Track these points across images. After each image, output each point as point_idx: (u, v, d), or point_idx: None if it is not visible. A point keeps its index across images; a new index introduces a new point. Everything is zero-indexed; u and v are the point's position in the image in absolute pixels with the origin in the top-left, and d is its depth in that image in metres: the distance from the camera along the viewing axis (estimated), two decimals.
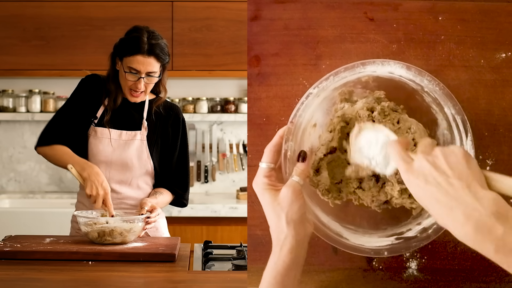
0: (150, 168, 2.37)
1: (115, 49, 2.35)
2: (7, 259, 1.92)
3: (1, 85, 3.93)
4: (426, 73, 1.15)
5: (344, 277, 1.27)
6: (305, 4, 1.28)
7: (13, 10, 3.66)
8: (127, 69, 2.28)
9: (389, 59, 1.16)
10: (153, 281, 1.77)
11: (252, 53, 1.28)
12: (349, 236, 1.18)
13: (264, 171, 1.14)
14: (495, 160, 1.24)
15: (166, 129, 2.42)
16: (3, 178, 3.99)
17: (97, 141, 2.33)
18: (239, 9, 3.68)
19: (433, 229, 1.14)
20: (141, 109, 2.40)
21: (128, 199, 2.35)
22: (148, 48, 2.25)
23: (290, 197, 1.09)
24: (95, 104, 2.37)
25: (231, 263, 1.97)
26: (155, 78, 2.31)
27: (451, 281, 1.26)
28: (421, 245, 1.15)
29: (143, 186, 2.38)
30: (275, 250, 1.10)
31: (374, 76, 1.19)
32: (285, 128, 1.15)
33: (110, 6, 3.67)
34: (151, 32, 2.30)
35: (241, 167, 4.02)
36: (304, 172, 1.12)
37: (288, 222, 1.09)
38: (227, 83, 4.02)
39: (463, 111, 1.15)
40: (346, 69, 1.15)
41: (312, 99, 1.16)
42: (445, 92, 1.14)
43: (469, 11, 1.27)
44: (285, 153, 1.14)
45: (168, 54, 2.33)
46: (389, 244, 1.16)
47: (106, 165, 2.32)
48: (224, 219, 3.47)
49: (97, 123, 2.36)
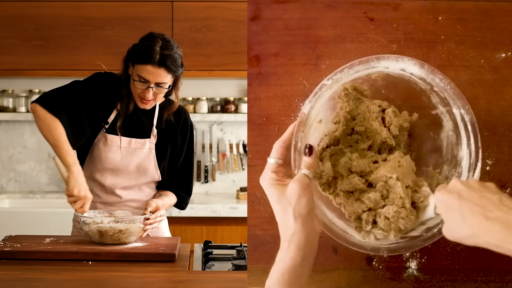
0: (157, 177, 2.34)
1: (128, 54, 2.25)
2: (7, 259, 1.92)
3: (1, 85, 3.93)
4: (438, 71, 1.14)
5: (344, 277, 1.27)
6: (305, 4, 1.28)
7: (13, 10, 3.66)
8: (136, 77, 2.19)
9: (403, 56, 1.16)
10: (153, 281, 1.77)
11: (252, 53, 1.28)
12: (354, 233, 1.18)
13: (272, 167, 1.13)
14: (495, 160, 1.24)
15: (176, 136, 2.37)
16: (3, 178, 3.99)
17: (107, 149, 2.27)
18: (239, 9, 3.68)
19: (438, 228, 1.14)
20: (151, 116, 2.34)
21: (131, 201, 2.34)
22: (160, 58, 2.16)
23: (298, 191, 1.08)
24: (108, 107, 2.28)
25: (231, 263, 1.97)
26: (165, 89, 2.23)
27: (451, 281, 1.26)
28: (427, 244, 1.15)
29: (146, 190, 2.37)
30: (283, 246, 1.09)
31: (384, 74, 1.19)
32: (296, 121, 1.14)
33: (110, 6, 3.67)
34: (166, 41, 2.20)
35: (241, 167, 4.02)
36: (312, 165, 1.11)
37: (295, 217, 1.07)
38: (227, 83, 4.02)
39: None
40: (361, 62, 1.15)
41: (325, 91, 1.15)
42: (456, 92, 1.14)
43: (469, 11, 1.27)
44: (295, 144, 1.13)
45: (181, 65, 2.24)
46: (394, 242, 1.16)
47: (113, 171, 2.29)
48: (224, 219, 3.47)
49: (108, 128, 2.28)
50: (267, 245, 1.28)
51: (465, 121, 1.14)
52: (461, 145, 1.16)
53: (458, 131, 1.16)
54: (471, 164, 1.13)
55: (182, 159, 2.41)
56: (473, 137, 1.13)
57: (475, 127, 1.13)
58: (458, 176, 1.15)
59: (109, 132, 2.28)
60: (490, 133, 1.26)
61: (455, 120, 1.16)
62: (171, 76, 2.22)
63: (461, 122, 1.14)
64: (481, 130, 1.24)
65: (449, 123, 1.18)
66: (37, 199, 3.80)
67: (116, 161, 2.28)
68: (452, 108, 1.15)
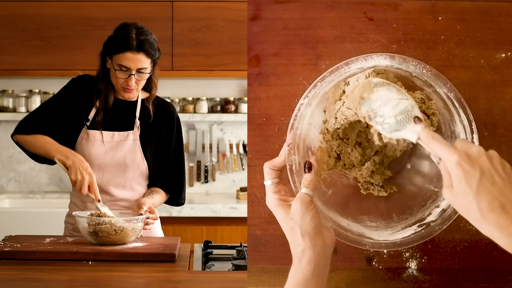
0: (144, 169, 2.35)
1: (104, 47, 2.32)
2: (7, 259, 1.92)
3: (1, 85, 3.93)
4: (410, 58, 1.14)
5: (344, 277, 1.27)
6: (305, 4, 1.28)
7: (13, 10, 3.66)
8: (117, 66, 2.25)
9: (371, 53, 1.15)
10: (153, 281, 1.77)
11: (252, 53, 1.28)
12: (372, 234, 1.18)
13: (271, 188, 1.15)
14: None
15: (160, 128, 2.39)
16: (3, 178, 3.99)
17: (90, 144, 2.31)
18: (239, 9, 3.68)
19: (452, 209, 1.13)
20: (133, 108, 2.37)
21: (122, 201, 2.34)
22: (137, 44, 2.23)
23: (300, 210, 1.09)
24: (87, 106, 2.34)
25: (231, 263, 1.97)
26: (146, 74, 2.28)
27: (451, 281, 1.26)
28: (444, 228, 1.14)
29: (137, 188, 2.37)
30: (295, 262, 1.11)
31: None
32: (285, 149, 1.15)
33: (110, 6, 3.67)
34: (139, 28, 2.27)
35: (241, 167, 4.02)
36: (311, 182, 1.12)
37: (303, 235, 1.09)
38: (227, 83, 4.02)
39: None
40: (331, 72, 1.14)
41: (304, 110, 1.15)
42: (434, 73, 1.13)
43: (469, 11, 1.27)
44: (290, 167, 1.14)
45: (158, 49, 2.30)
46: (413, 233, 1.16)
47: (99, 167, 2.30)
48: (224, 219, 3.47)
49: (89, 125, 2.33)
50: (267, 245, 1.28)
51: (451, 99, 1.13)
52: (455, 120, 1.15)
53: (448, 108, 1.15)
54: (467, 138, 1.13)
55: (171, 154, 2.41)
56: (462, 111, 1.13)
57: (461, 102, 1.12)
58: None
59: (91, 128, 2.33)
60: (490, 133, 1.26)
61: (442, 98, 1.15)
62: (150, 61, 2.28)
63: (448, 100, 1.14)
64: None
65: (438, 102, 1.18)
66: (37, 199, 3.80)
67: (101, 155, 2.31)
68: (436, 88, 1.14)
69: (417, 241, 1.15)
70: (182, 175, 2.45)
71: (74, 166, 2.16)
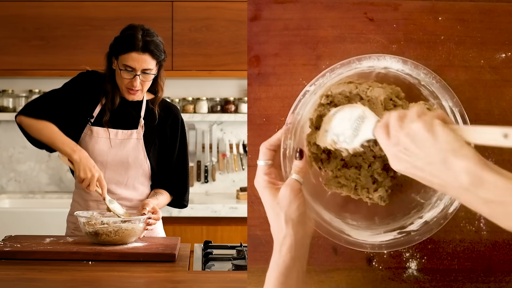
0: (147, 168, 2.36)
1: (110, 48, 2.33)
2: (7, 259, 1.92)
3: (1, 85, 3.93)
4: (422, 66, 1.14)
5: (344, 277, 1.27)
6: (305, 5, 1.28)
7: (13, 10, 3.66)
8: (122, 67, 2.26)
9: (384, 54, 1.16)
10: (153, 281, 1.77)
11: (252, 53, 1.28)
12: (351, 232, 1.18)
13: (263, 169, 1.14)
14: (495, 161, 1.24)
15: (165, 129, 2.40)
16: (3, 178, 3.99)
17: (93, 141, 2.31)
18: (239, 9, 3.68)
19: (434, 222, 1.14)
20: (138, 108, 2.38)
21: (124, 200, 2.34)
22: (143, 45, 2.24)
23: (289, 197, 1.09)
24: (92, 102, 2.35)
25: (231, 263, 1.97)
26: (151, 75, 2.29)
27: (451, 281, 1.26)
28: (423, 239, 1.15)
29: (139, 187, 2.37)
30: (276, 249, 1.10)
31: (372, 70, 1.19)
32: (282, 129, 1.15)
33: (110, 6, 3.67)
34: (145, 30, 2.29)
35: (241, 167, 4.02)
36: (302, 169, 1.12)
37: (286, 221, 1.09)
38: (227, 83, 4.02)
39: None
40: (342, 65, 1.15)
41: (309, 97, 1.16)
42: (442, 85, 1.14)
43: (469, 11, 1.27)
44: (284, 151, 1.14)
45: (163, 51, 2.31)
46: (392, 238, 1.16)
47: (102, 165, 2.30)
48: (224, 219, 3.47)
49: (94, 122, 2.33)
50: (267, 245, 1.28)
51: (454, 114, 1.14)
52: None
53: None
54: None
55: (175, 157, 2.41)
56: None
57: (465, 118, 1.13)
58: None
59: (95, 125, 2.33)
60: None
61: (446, 112, 1.16)
62: (155, 63, 2.29)
63: (451, 115, 1.14)
64: None
65: None
66: (37, 199, 3.80)
67: (104, 152, 2.31)
68: (441, 100, 1.15)
69: (395, 247, 1.15)
70: (186, 177, 2.45)
71: (81, 163, 2.16)
